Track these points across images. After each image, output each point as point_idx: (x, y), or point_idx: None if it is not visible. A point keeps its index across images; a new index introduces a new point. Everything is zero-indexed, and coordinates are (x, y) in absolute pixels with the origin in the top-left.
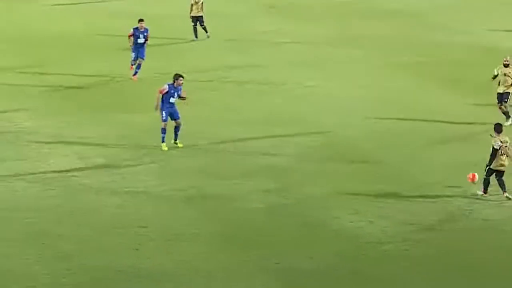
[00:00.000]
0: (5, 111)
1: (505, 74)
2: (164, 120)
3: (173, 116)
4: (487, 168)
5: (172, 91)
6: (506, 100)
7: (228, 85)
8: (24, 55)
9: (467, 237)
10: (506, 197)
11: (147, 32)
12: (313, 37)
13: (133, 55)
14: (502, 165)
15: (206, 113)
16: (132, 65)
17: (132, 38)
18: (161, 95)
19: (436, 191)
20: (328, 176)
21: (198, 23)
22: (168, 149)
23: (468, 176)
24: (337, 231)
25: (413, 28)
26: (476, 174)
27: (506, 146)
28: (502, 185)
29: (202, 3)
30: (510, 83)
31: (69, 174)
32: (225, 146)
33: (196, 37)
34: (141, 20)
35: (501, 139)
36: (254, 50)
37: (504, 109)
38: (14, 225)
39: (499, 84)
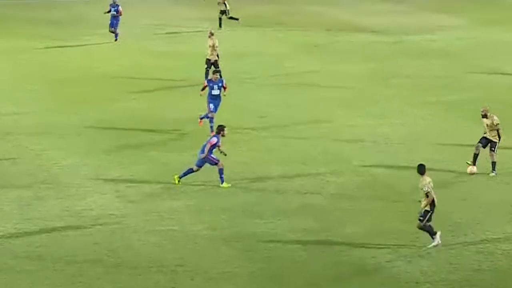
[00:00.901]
0: (45, 150)
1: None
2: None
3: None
4: (430, 214)
5: (219, 143)
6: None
7: (267, 125)
8: (65, 94)
9: (509, 278)
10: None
11: (221, 82)
12: (352, 76)
13: (211, 106)
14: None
15: (245, 152)
16: (202, 118)
17: (206, 89)
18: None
19: (476, 232)
20: (367, 215)
21: (212, 66)
22: (207, 187)
23: None
24: (375, 271)
25: (452, 67)
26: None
27: (421, 189)
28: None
29: (216, 47)
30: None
31: (107, 212)
32: (265, 185)
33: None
34: (216, 72)
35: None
36: (293, 89)
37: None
38: (52, 264)
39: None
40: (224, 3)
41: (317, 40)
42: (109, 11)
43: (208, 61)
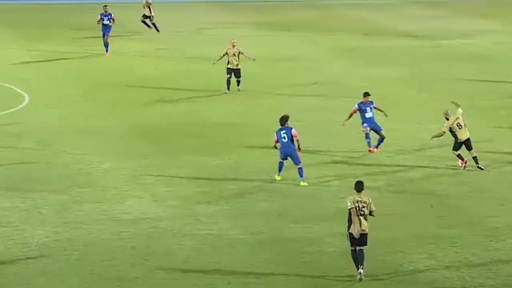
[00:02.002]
0: (83, 154)
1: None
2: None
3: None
4: (347, 233)
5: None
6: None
7: (304, 128)
8: (103, 98)
9: None
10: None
11: (372, 104)
12: (390, 81)
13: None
14: (360, 229)
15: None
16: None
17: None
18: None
19: None
20: (404, 220)
21: (233, 75)
22: (243, 192)
23: None
24: (413, 276)
25: (490, 72)
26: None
27: (363, 207)
28: (360, 259)
29: (239, 54)
30: None
31: (144, 216)
32: (301, 189)
33: (228, 89)
34: (367, 94)
35: (358, 198)
36: (330, 93)
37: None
38: (89, 267)
39: None
40: (149, 7)
41: (355, 44)
42: (101, 20)
43: (229, 70)
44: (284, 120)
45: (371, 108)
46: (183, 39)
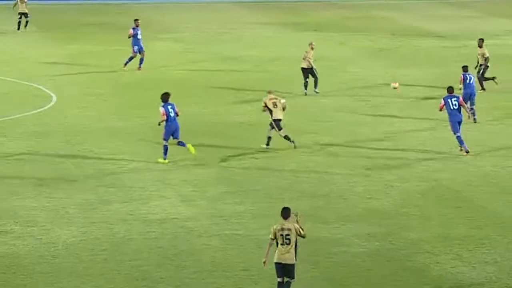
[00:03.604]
0: (110, 153)
1: None
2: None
3: None
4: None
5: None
6: None
7: (330, 128)
8: (130, 98)
9: None
10: None
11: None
12: (416, 81)
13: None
14: (287, 258)
15: (308, 157)
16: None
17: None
18: None
19: None
20: (432, 221)
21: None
22: (270, 192)
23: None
24: (440, 277)
25: None
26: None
27: (288, 235)
28: None
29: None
30: None
31: (171, 216)
32: (328, 189)
33: (306, 88)
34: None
35: (282, 226)
36: (356, 94)
37: None
38: (116, 267)
39: None
40: (25, 3)
41: (381, 44)
42: (134, 35)
43: (304, 70)
44: (167, 96)
45: (457, 100)
46: (211, 39)
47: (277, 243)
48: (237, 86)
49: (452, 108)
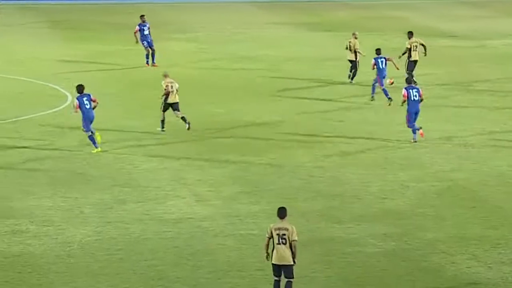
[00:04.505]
0: (125, 153)
1: None
2: None
3: None
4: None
5: None
6: None
7: (342, 129)
8: (144, 97)
9: None
10: None
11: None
12: (432, 81)
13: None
14: (283, 258)
15: (322, 157)
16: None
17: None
18: None
19: None
20: (447, 221)
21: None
22: (284, 192)
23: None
24: (455, 277)
25: None
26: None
27: (284, 235)
28: None
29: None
30: None
31: (186, 216)
32: (343, 189)
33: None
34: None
35: (279, 225)
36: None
37: None
38: (131, 267)
39: None
40: None
41: (395, 44)
42: (140, 31)
43: (351, 61)
44: (81, 88)
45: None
46: (225, 39)
47: (273, 244)
48: (252, 86)
49: (412, 99)
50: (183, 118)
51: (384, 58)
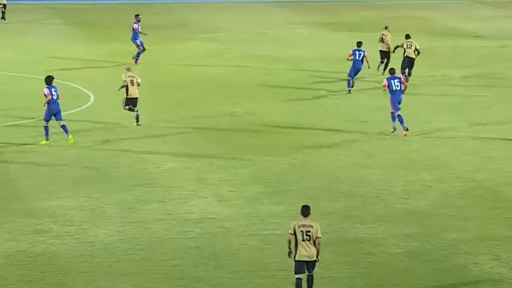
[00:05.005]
0: (147, 153)
1: None
2: None
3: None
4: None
5: None
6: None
7: (368, 129)
8: (166, 98)
9: None
10: None
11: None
12: (455, 81)
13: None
14: (308, 254)
15: (345, 157)
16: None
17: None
18: None
19: None
20: (470, 221)
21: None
22: (307, 192)
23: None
24: (478, 278)
25: None
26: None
27: (308, 232)
28: (309, 284)
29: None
30: None
31: (208, 216)
32: (366, 190)
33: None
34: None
35: (302, 223)
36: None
37: None
38: (154, 267)
39: None
40: None
41: (419, 44)
42: (136, 30)
43: (383, 52)
44: (50, 79)
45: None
46: (248, 39)
47: (296, 241)
48: (274, 86)
49: (394, 89)
50: (137, 116)
51: (363, 51)
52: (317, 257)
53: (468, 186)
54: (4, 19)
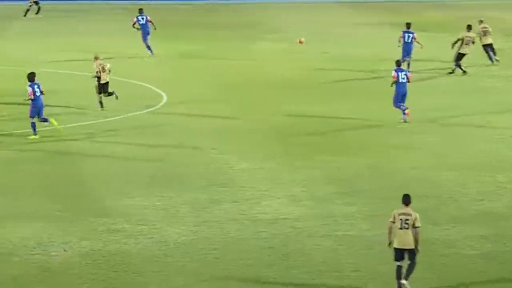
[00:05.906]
0: (220, 153)
1: None
2: None
3: None
4: (393, 247)
5: None
6: None
7: (437, 129)
8: (236, 98)
9: None
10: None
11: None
12: None
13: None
14: (405, 242)
15: (417, 158)
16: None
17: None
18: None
19: None
20: None
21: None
22: (378, 193)
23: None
24: None
25: None
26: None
27: (407, 220)
28: (408, 271)
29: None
30: None
31: (281, 217)
32: (439, 191)
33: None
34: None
35: (402, 211)
36: (468, 93)
37: None
38: (226, 267)
39: None
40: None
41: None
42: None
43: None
44: (33, 75)
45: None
46: (318, 38)
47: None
48: (345, 86)
49: (400, 80)
50: (109, 93)
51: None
52: (416, 247)
53: None
54: (38, 14)
